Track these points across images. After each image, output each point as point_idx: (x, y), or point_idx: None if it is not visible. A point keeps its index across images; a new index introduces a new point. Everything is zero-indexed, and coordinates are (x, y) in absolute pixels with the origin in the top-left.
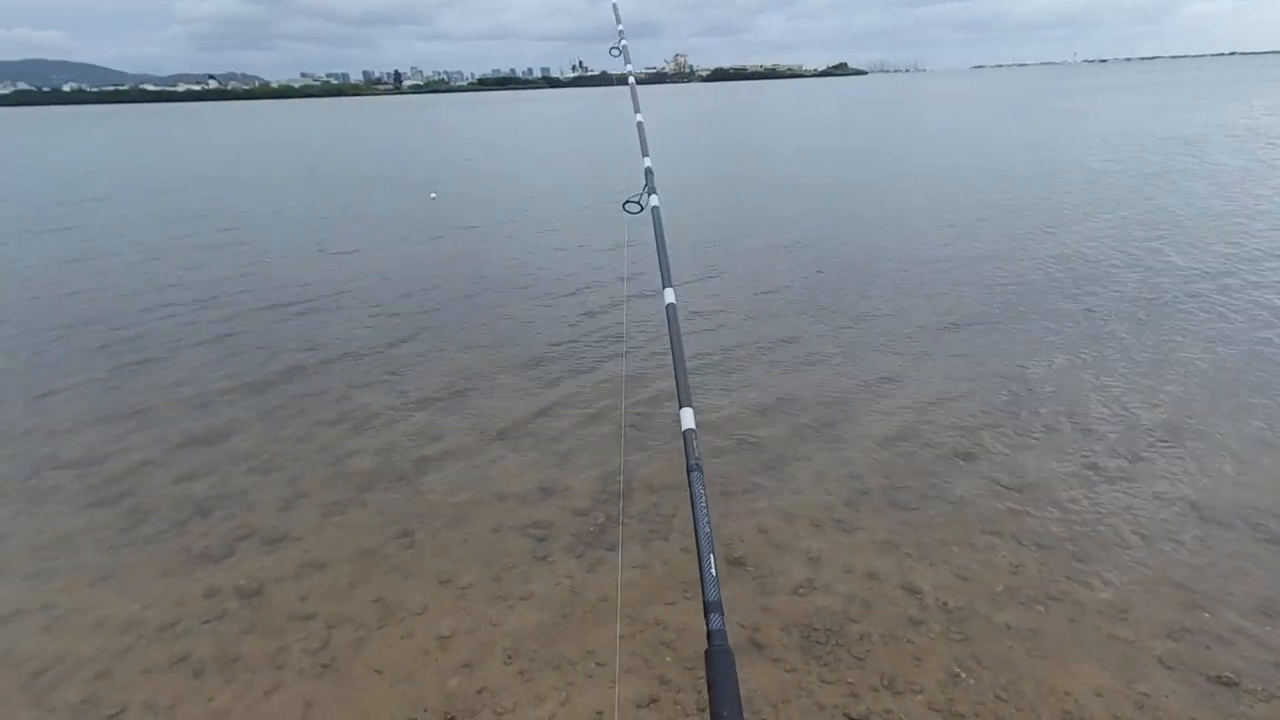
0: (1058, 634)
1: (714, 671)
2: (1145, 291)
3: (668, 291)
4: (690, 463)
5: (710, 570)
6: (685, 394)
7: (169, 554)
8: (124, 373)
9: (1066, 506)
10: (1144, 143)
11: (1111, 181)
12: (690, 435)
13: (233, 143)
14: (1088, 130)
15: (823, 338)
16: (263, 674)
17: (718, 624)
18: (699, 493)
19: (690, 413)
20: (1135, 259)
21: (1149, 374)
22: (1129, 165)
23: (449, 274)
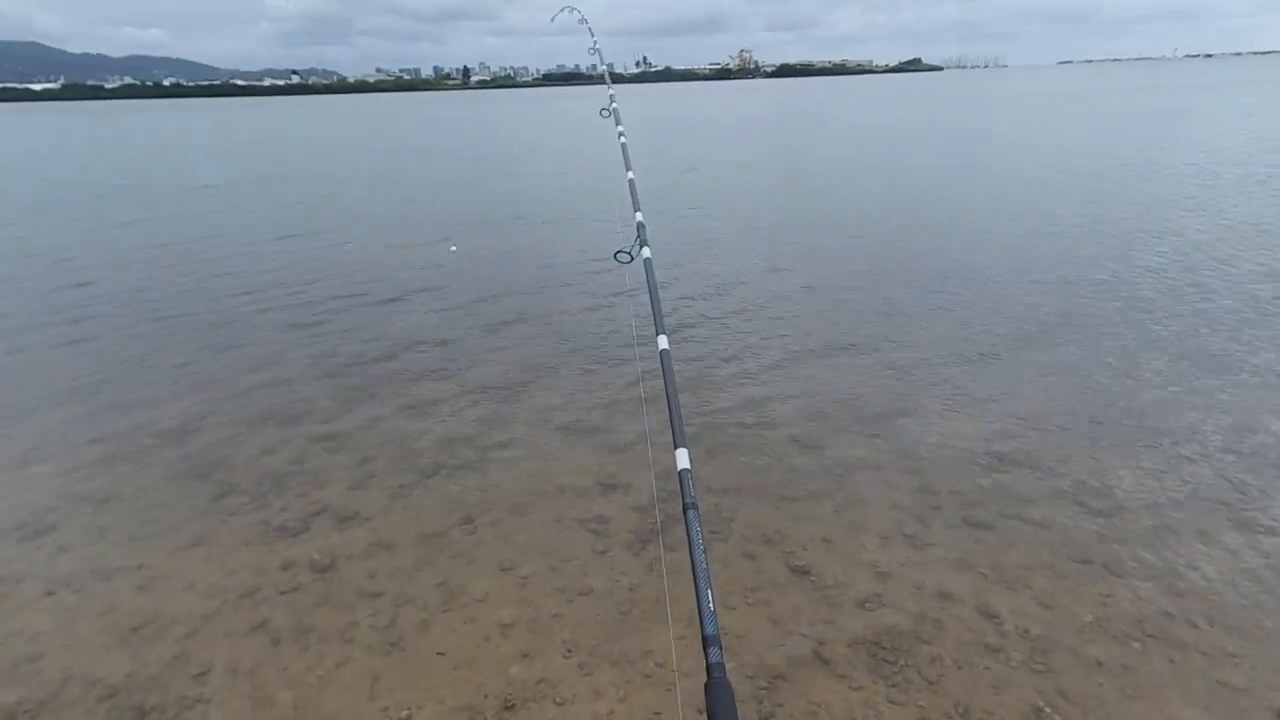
0: (1155, 674)
1: (714, 704)
2: (1257, 303)
3: (661, 339)
4: (686, 501)
5: (709, 605)
6: (680, 436)
7: (250, 525)
8: (216, 351)
9: (1166, 536)
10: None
11: (1215, 185)
12: (685, 475)
13: (313, 137)
14: (1189, 132)
15: (895, 343)
16: (334, 647)
17: (716, 657)
18: (695, 530)
19: (685, 453)
20: (1247, 269)
21: (1266, 393)
22: (1237, 170)
23: (519, 268)
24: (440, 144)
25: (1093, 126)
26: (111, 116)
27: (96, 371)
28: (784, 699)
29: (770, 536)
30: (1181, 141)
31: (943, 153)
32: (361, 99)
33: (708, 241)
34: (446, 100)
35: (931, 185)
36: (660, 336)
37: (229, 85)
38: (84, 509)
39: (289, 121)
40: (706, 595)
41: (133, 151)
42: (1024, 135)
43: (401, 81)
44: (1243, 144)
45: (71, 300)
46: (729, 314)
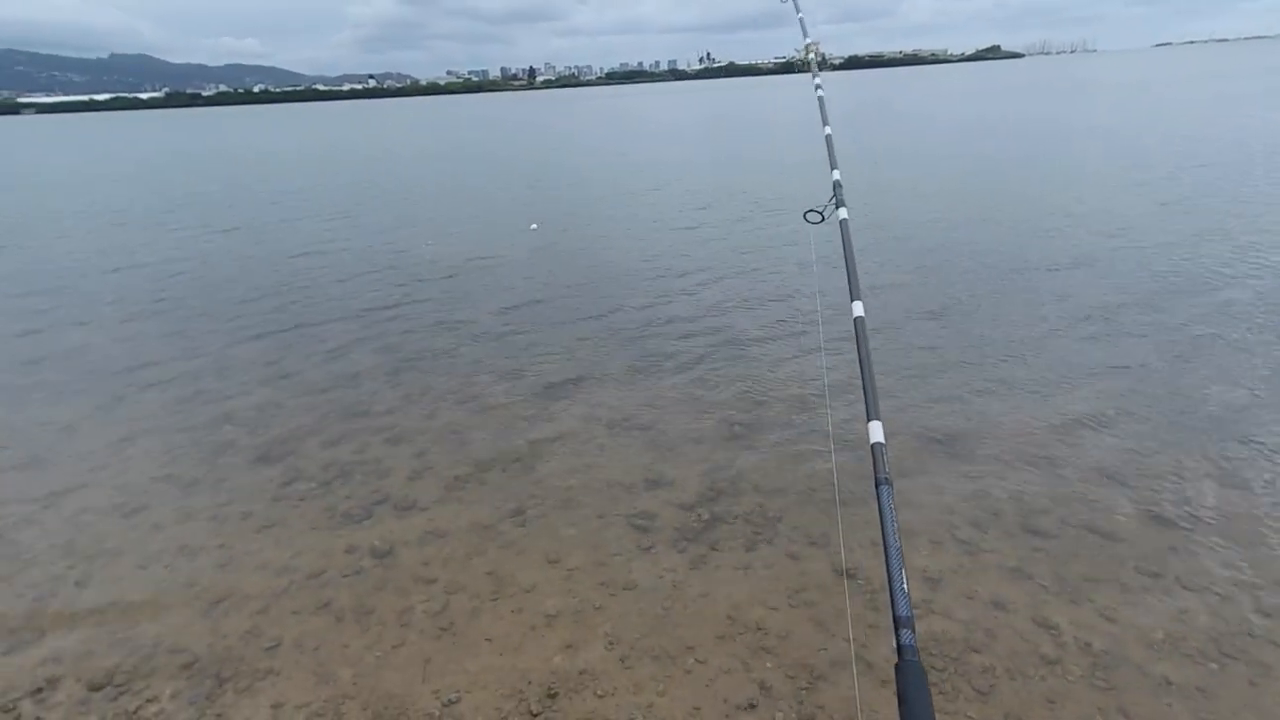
0: (1234, 697)
1: (906, 687)
2: None
3: (856, 305)
4: (879, 476)
5: (901, 585)
6: (874, 407)
7: (317, 511)
8: (284, 342)
9: (1249, 551)
10: None
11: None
12: (879, 449)
13: (390, 140)
14: None
15: (952, 340)
16: (391, 629)
17: (909, 639)
18: (889, 507)
19: (879, 426)
20: None
21: None
22: None
23: (577, 267)
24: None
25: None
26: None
27: (186, 363)
28: (824, 701)
29: (816, 539)
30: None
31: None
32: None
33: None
34: (527, 100)
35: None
36: (856, 303)
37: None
38: (173, 490)
39: (412, 126)
40: (899, 575)
41: (230, 161)
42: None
43: (470, 83)
44: None
45: (168, 297)
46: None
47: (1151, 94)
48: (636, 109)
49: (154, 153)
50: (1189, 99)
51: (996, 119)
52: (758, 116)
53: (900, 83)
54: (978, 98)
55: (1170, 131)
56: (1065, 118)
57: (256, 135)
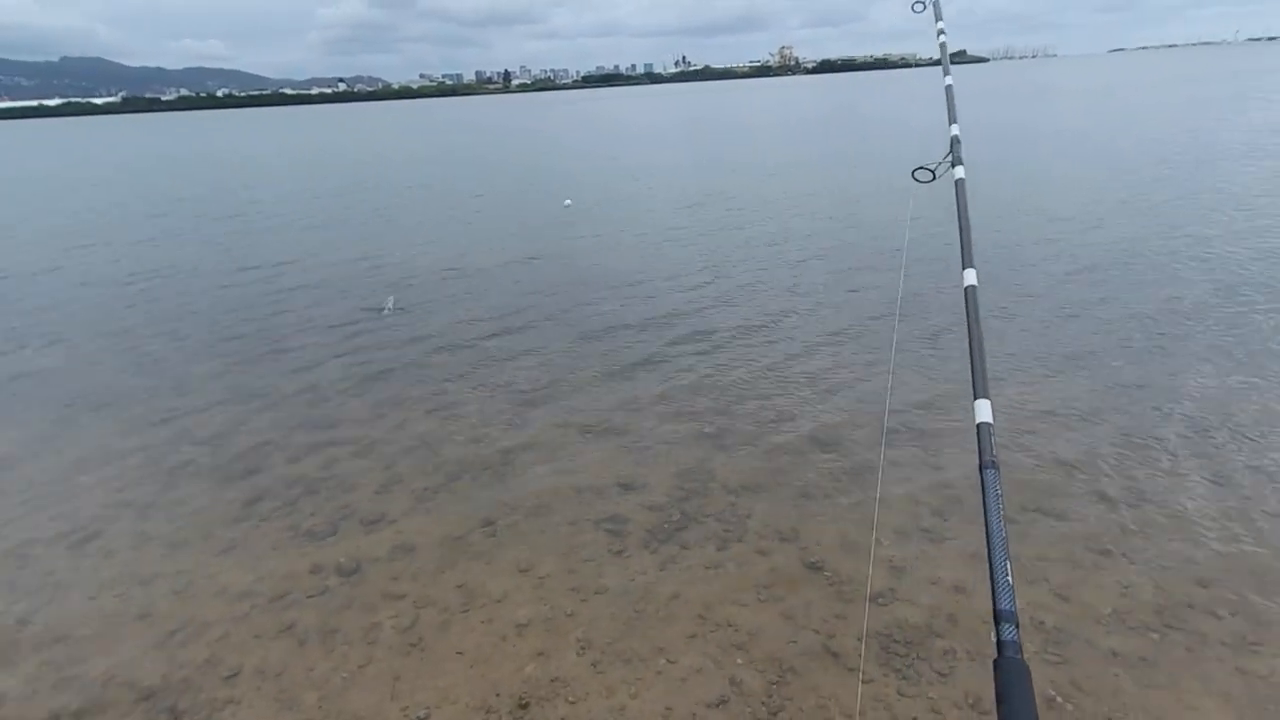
0: (1174, 664)
1: (1006, 686)
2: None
3: (968, 273)
4: (985, 459)
5: (1006, 577)
6: (982, 384)
7: (281, 530)
8: (246, 356)
9: (1189, 528)
10: None
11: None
12: (985, 429)
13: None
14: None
15: (914, 339)
16: (357, 648)
17: (1010, 634)
18: (994, 492)
19: (987, 405)
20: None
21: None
22: None
23: (545, 275)
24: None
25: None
26: (171, 129)
27: (141, 382)
28: (793, 693)
29: (785, 534)
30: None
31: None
32: (429, 105)
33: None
34: (504, 103)
35: None
36: (968, 270)
37: (278, 94)
38: (126, 516)
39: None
40: (1004, 566)
41: (200, 168)
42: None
43: (444, 87)
44: None
45: (122, 314)
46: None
47: (1121, 98)
48: (619, 112)
49: (116, 159)
50: (1164, 103)
51: (995, 124)
52: (738, 119)
53: (873, 86)
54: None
55: (1155, 134)
56: (1052, 121)
57: (223, 141)
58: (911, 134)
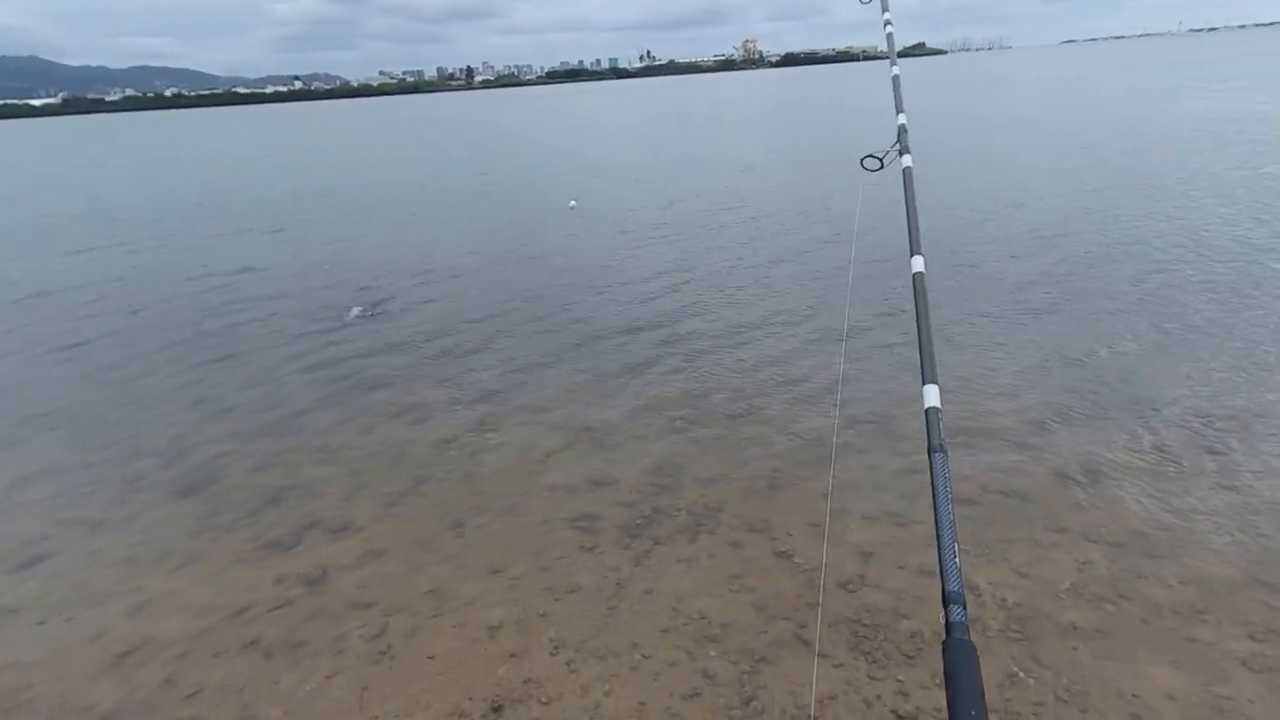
0: (1128, 634)
1: (954, 665)
2: (1237, 276)
3: (916, 260)
4: (934, 443)
5: (954, 559)
6: (931, 370)
7: (243, 541)
8: (204, 364)
9: (1141, 501)
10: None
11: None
12: (934, 414)
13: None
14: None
15: (879, 329)
16: (324, 659)
17: (958, 616)
18: (942, 476)
19: (935, 390)
20: (1229, 237)
21: (1239, 362)
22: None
23: (511, 274)
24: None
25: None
26: (115, 132)
27: (90, 393)
28: (765, 681)
29: (756, 525)
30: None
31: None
32: (392, 103)
33: None
34: (470, 100)
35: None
36: (916, 258)
37: (231, 94)
38: (76, 535)
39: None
40: (951, 548)
41: (141, 169)
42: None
43: (405, 84)
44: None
45: (66, 322)
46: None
47: (1088, 87)
48: (586, 108)
49: (60, 164)
50: (1105, 92)
51: (978, 112)
52: (706, 114)
53: (837, 78)
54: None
55: (1101, 122)
56: (1005, 110)
57: (175, 142)
58: (875, 123)
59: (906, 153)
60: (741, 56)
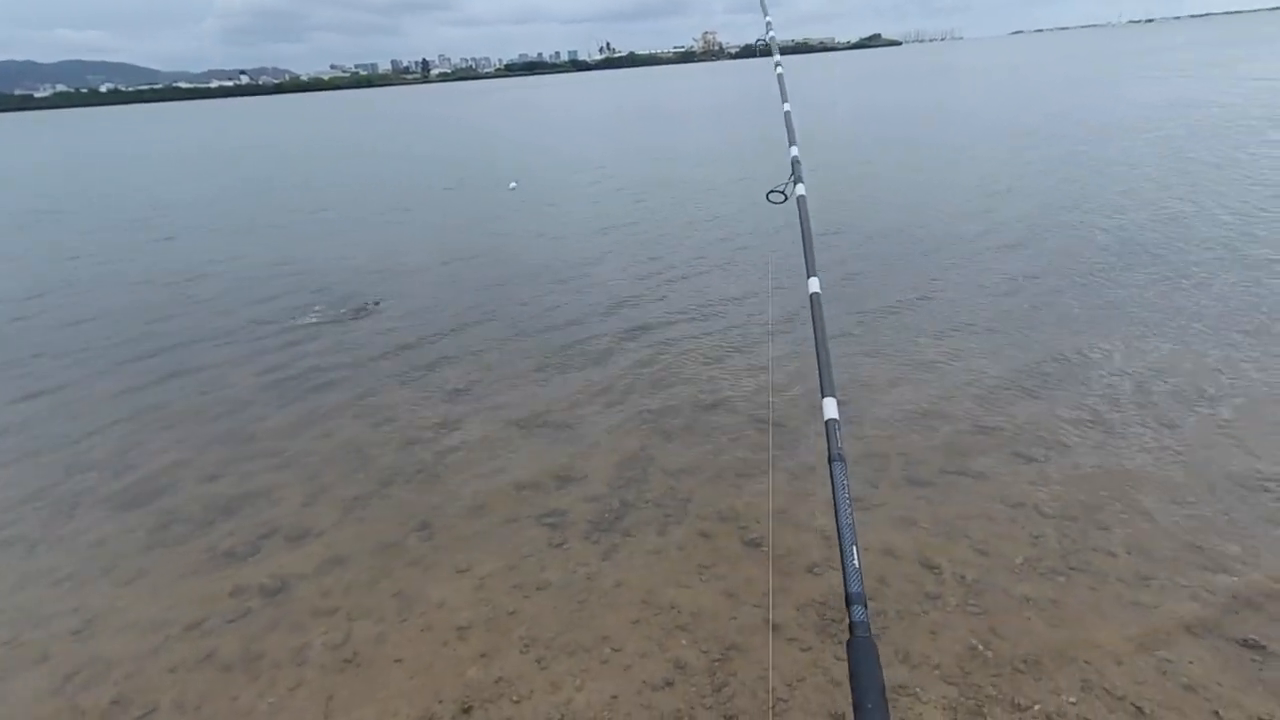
0: (1078, 603)
1: (857, 662)
2: (1184, 259)
3: (812, 281)
4: (832, 452)
5: (853, 562)
6: (829, 384)
7: (196, 553)
8: (151, 372)
9: (1089, 476)
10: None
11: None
12: (832, 425)
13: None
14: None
15: (838, 311)
16: (286, 670)
17: (860, 615)
18: (841, 483)
19: (833, 403)
20: (1171, 225)
21: (1178, 340)
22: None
23: (472, 270)
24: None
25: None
26: (47, 129)
27: (28, 406)
28: (736, 668)
29: (725, 514)
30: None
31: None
32: (345, 97)
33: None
34: (427, 94)
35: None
36: (812, 279)
37: (173, 89)
38: (10, 556)
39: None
40: (851, 552)
41: (81, 167)
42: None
43: (358, 77)
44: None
45: (3, 331)
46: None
47: (1049, 74)
48: (549, 100)
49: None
50: (1047, 80)
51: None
52: (677, 106)
53: (796, 69)
54: (897, 82)
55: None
56: (961, 100)
57: (115, 139)
58: (832, 114)
59: (800, 182)
60: (701, 48)
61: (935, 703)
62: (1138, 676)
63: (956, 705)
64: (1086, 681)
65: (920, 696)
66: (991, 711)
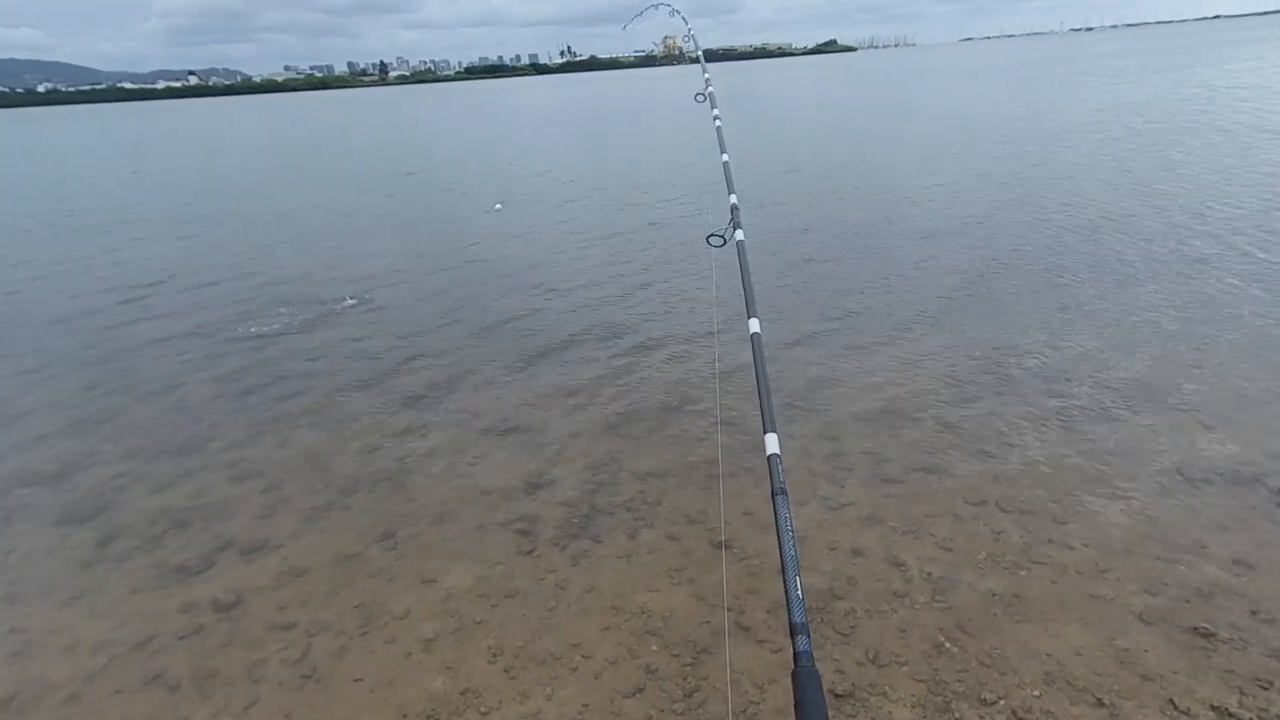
0: (1039, 597)
1: (801, 691)
2: (1130, 256)
3: (753, 322)
4: (775, 486)
5: (796, 592)
6: (770, 420)
7: (143, 570)
8: (99, 380)
9: (1048, 470)
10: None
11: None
12: (775, 460)
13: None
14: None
15: (803, 315)
16: (240, 688)
17: (804, 646)
18: (784, 516)
19: (775, 438)
20: (1118, 223)
21: (1129, 338)
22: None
23: (435, 274)
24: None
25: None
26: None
27: None
28: (707, 672)
29: (694, 517)
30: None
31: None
32: (305, 99)
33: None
34: (389, 96)
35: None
36: (752, 320)
37: (116, 89)
38: None
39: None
40: (794, 583)
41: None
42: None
43: (314, 79)
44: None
45: None
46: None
47: (1006, 78)
48: (513, 103)
49: None
50: (1043, 81)
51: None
52: (632, 111)
53: (750, 74)
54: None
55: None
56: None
57: (59, 141)
58: (795, 114)
59: (739, 228)
60: (662, 53)
61: (904, 700)
62: (1097, 668)
63: (925, 702)
64: (1049, 674)
65: (889, 695)
66: (958, 707)
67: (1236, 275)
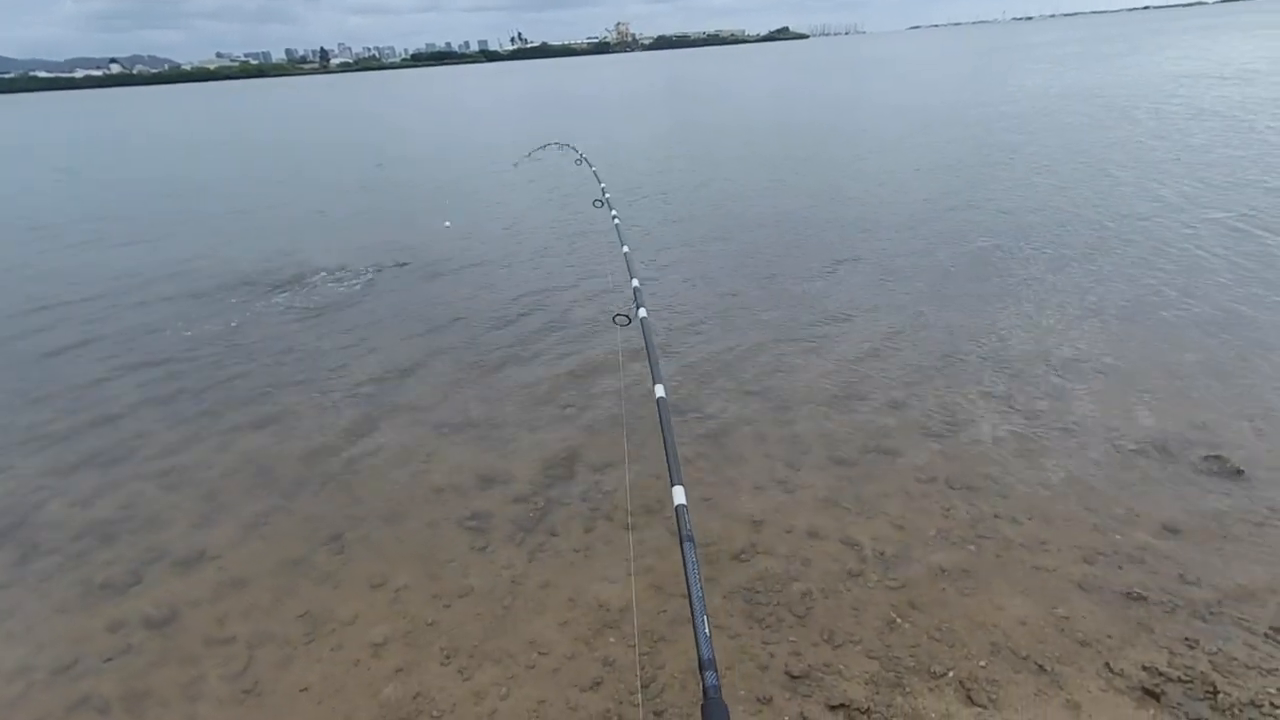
0: (986, 570)
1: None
2: (1066, 236)
3: (658, 387)
4: (682, 534)
5: (704, 631)
6: (676, 474)
7: (66, 588)
8: (15, 389)
9: (992, 447)
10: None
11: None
12: (681, 511)
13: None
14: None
15: (758, 300)
16: (175, 708)
17: (713, 680)
18: (692, 561)
19: (681, 490)
20: (1054, 204)
21: (1067, 316)
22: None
23: (382, 268)
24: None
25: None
26: None
27: None
28: (664, 660)
29: (652, 506)
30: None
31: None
32: (241, 88)
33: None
34: (333, 84)
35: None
36: (657, 385)
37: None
38: None
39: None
40: (702, 622)
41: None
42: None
43: (248, 67)
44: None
45: None
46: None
47: (958, 66)
48: (462, 92)
49: None
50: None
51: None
52: (590, 98)
53: (702, 61)
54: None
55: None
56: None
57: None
58: (749, 104)
59: (642, 307)
60: (615, 39)
61: (858, 678)
62: (1039, 636)
63: (878, 679)
64: (995, 645)
65: (844, 674)
66: (909, 682)
67: (1167, 257)
